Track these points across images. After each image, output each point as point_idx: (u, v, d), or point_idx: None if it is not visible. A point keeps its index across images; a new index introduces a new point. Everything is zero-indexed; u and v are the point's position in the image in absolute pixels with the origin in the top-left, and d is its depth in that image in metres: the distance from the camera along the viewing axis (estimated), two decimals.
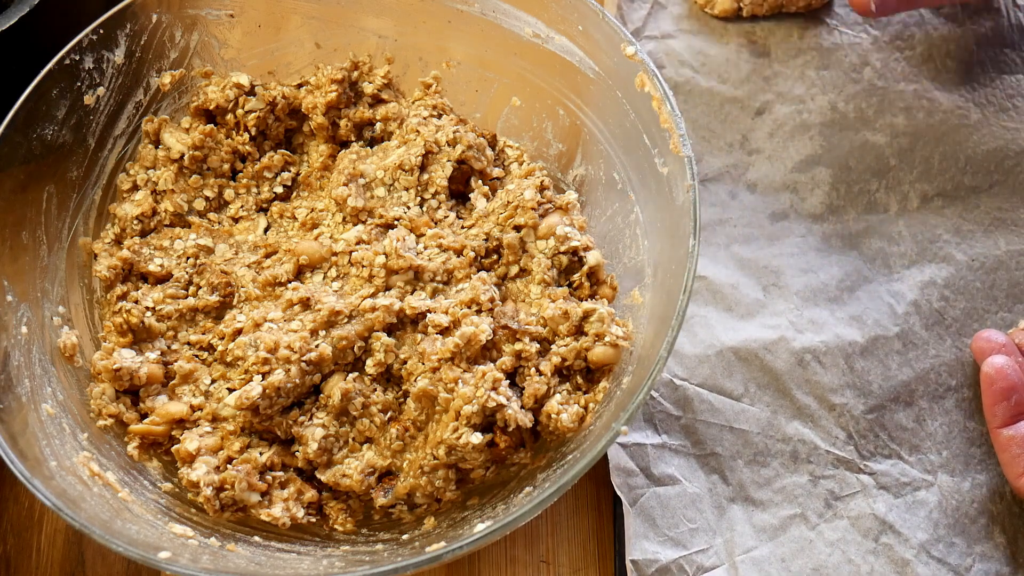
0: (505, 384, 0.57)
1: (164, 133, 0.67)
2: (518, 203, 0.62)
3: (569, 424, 0.57)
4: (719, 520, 0.64)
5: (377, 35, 0.69)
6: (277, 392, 0.57)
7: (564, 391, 0.58)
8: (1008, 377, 0.63)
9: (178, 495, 0.58)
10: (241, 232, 0.67)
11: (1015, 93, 0.76)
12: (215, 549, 0.54)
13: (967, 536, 0.63)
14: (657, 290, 0.59)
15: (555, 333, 0.60)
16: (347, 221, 0.65)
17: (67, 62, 0.62)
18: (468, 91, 0.70)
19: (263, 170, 0.68)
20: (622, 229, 0.64)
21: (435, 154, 0.65)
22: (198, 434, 0.58)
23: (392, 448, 0.58)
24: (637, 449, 0.65)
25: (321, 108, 0.67)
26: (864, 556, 0.63)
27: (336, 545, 0.57)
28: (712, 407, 0.67)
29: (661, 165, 0.59)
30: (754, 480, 0.65)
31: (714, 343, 0.69)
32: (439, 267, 0.61)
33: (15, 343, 0.58)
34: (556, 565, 0.65)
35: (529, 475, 0.57)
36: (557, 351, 0.59)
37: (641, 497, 0.64)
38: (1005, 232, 0.72)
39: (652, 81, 0.59)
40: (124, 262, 0.64)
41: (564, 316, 0.59)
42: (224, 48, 0.69)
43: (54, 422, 0.57)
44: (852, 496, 0.65)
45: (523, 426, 0.56)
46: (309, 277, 0.63)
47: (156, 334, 0.62)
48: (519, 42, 0.66)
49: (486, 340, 0.58)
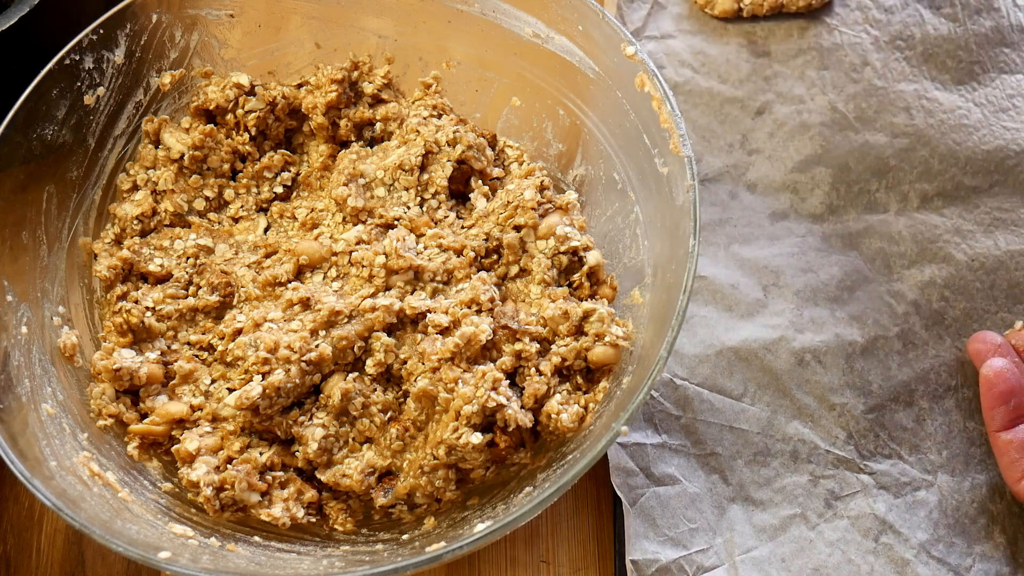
0: (505, 384, 0.57)
1: (164, 133, 0.67)
2: (518, 203, 0.62)
3: (569, 424, 0.57)
4: (719, 520, 0.64)
5: (377, 35, 0.69)
6: (277, 392, 0.57)
7: (564, 391, 0.58)
8: (1007, 380, 0.63)
9: (178, 495, 0.58)
10: (241, 232, 0.67)
11: (1015, 93, 0.76)
12: (215, 549, 0.54)
13: (967, 536, 0.63)
14: (657, 290, 0.59)
15: (555, 333, 0.60)
16: (347, 221, 0.65)
17: (67, 62, 0.62)
18: (468, 91, 0.70)
19: (263, 170, 0.68)
20: (622, 229, 0.64)
21: (435, 154, 0.65)
22: (198, 434, 0.58)
23: (392, 448, 0.58)
24: (637, 449, 0.65)
25: (321, 108, 0.67)
26: (864, 556, 0.63)
27: (336, 545, 0.57)
28: (712, 407, 0.67)
29: (661, 165, 0.59)
30: (754, 480, 0.65)
31: (714, 343, 0.69)
32: (439, 267, 0.61)
33: (15, 343, 0.58)
34: (556, 565, 0.65)
35: (529, 475, 0.57)
36: (557, 351, 0.59)
37: (641, 497, 0.64)
38: (1005, 232, 0.72)
39: (652, 81, 0.59)
40: (124, 262, 0.64)
41: (564, 316, 0.59)
42: (224, 48, 0.69)
43: (54, 422, 0.57)
44: (852, 496, 0.65)
45: (523, 426, 0.56)
46: (309, 277, 0.63)
47: (156, 334, 0.62)
48: (519, 42, 0.66)
49: (486, 340, 0.58)
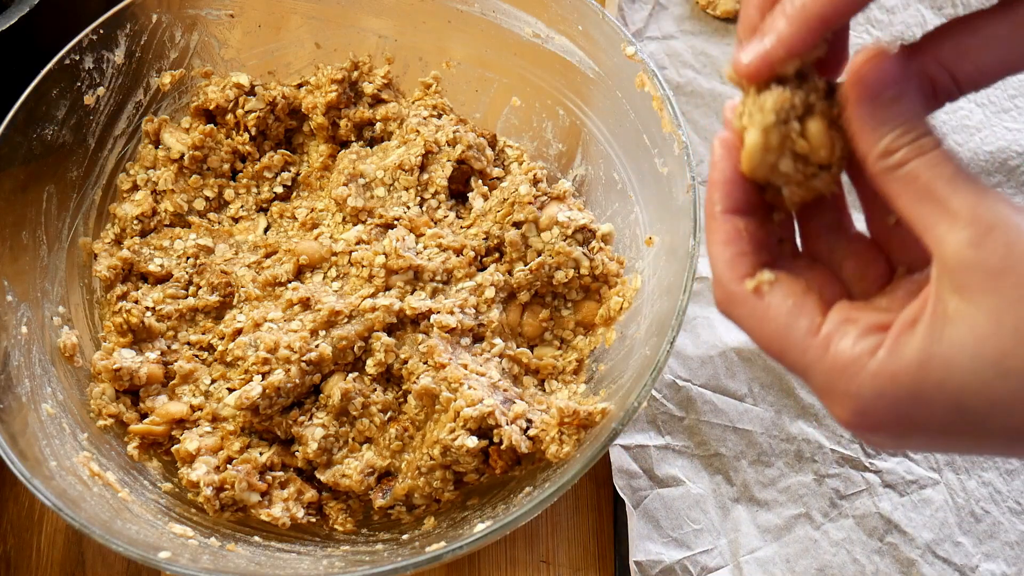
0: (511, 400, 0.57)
1: (164, 133, 0.67)
2: (514, 199, 0.62)
3: (563, 455, 0.55)
4: (723, 521, 0.64)
5: (377, 35, 0.69)
6: (277, 392, 0.57)
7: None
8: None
9: (178, 495, 0.58)
10: (241, 232, 0.67)
11: (1017, 93, 0.76)
12: (215, 549, 0.54)
13: (973, 535, 0.63)
14: (657, 290, 0.59)
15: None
16: (347, 221, 0.65)
17: (67, 62, 0.63)
18: (468, 91, 0.70)
19: (263, 170, 0.68)
20: (622, 229, 0.64)
21: (435, 154, 0.65)
22: (198, 434, 0.58)
23: (391, 448, 0.58)
24: (640, 451, 0.65)
25: (321, 108, 0.67)
26: (869, 556, 0.62)
27: (336, 545, 0.57)
28: (715, 407, 0.66)
29: (661, 165, 0.59)
30: (758, 480, 0.65)
31: (716, 343, 0.68)
32: (439, 267, 0.61)
33: (15, 343, 0.58)
34: (556, 565, 0.64)
35: (529, 475, 0.57)
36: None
37: (645, 499, 0.63)
38: None
39: (652, 81, 0.59)
40: (124, 262, 0.64)
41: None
42: (224, 48, 0.69)
43: (54, 422, 0.57)
44: (857, 495, 0.64)
45: (518, 450, 0.55)
46: (309, 277, 0.63)
47: (156, 334, 0.62)
48: (519, 42, 0.66)
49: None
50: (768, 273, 0.38)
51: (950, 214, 0.34)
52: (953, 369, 0.34)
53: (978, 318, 0.33)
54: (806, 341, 0.37)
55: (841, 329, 0.36)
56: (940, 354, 0.34)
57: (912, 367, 0.34)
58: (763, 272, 0.38)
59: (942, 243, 0.34)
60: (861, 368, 0.35)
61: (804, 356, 0.37)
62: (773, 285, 0.38)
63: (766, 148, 0.37)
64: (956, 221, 0.34)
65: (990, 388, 0.33)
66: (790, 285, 0.38)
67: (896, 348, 0.35)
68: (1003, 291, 0.33)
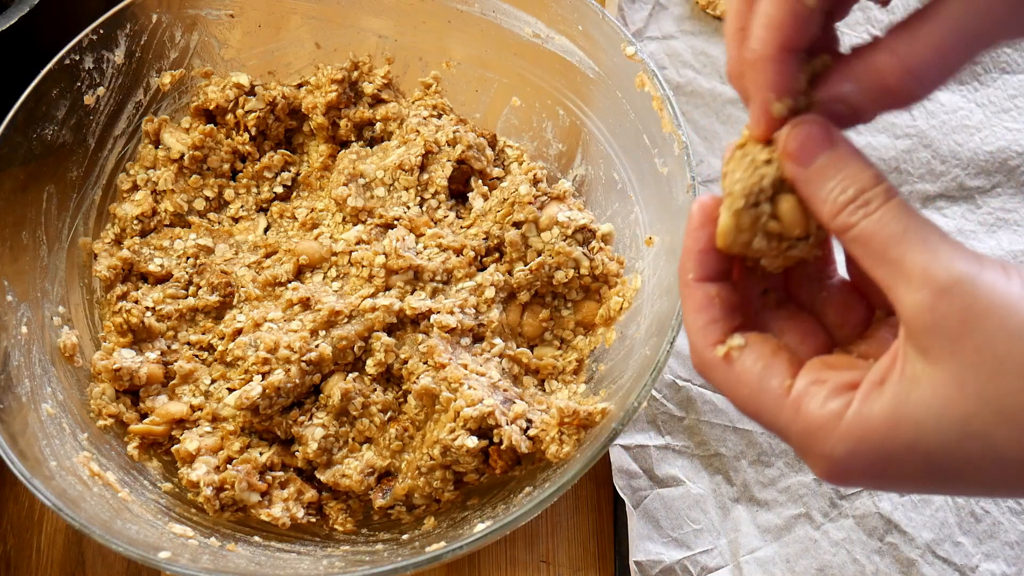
0: (511, 399, 0.57)
1: (164, 133, 0.67)
2: (514, 199, 0.62)
3: (563, 455, 0.55)
4: (723, 521, 0.64)
5: (377, 35, 0.69)
6: (277, 392, 0.57)
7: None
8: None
9: (178, 495, 0.58)
10: (241, 232, 0.67)
11: (1017, 93, 0.76)
12: (215, 549, 0.54)
13: (973, 535, 0.63)
14: (657, 290, 0.59)
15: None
16: (347, 221, 0.65)
17: (67, 62, 0.63)
18: (468, 91, 0.70)
19: (263, 170, 0.68)
20: (622, 229, 0.64)
21: (435, 154, 0.65)
22: (198, 434, 0.58)
23: (391, 448, 0.58)
24: (640, 451, 0.65)
25: (321, 108, 0.67)
26: (869, 556, 0.62)
27: (336, 545, 0.57)
28: (715, 407, 0.66)
29: (661, 165, 0.59)
30: (758, 480, 0.65)
31: None
32: (439, 267, 0.61)
33: (15, 343, 0.58)
34: (556, 565, 0.64)
35: (529, 475, 0.57)
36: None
37: (645, 499, 0.63)
38: (1008, 232, 0.72)
39: (652, 81, 0.59)
40: (124, 262, 0.64)
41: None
42: (224, 48, 0.69)
43: (54, 422, 0.57)
44: (857, 494, 0.64)
45: (518, 450, 0.55)
46: (309, 277, 0.63)
47: (156, 334, 0.62)
48: (519, 42, 0.66)
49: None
50: (738, 338, 0.38)
51: (904, 276, 0.34)
52: (921, 431, 0.34)
53: (942, 381, 0.33)
54: (778, 403, 0.37)
55: (811, 391, 0.37)
56: (908, 415, 0.34)
57: (881, 429, 0.34)
58: (733, 337, 0.39)
59: (901, 304, 0.34)
60: (833, 429, 0.35)
61: (778, 418, 0.37)
62: (743, 350, 0.38)
63: (738, 230, 0.37)
64: (911, 283, 0.34)
65: (960, 448, 0.34)
66: (760, 348, 0.38)
67: (864, 409, 0.35)
68: (964, 355, 0.33)
